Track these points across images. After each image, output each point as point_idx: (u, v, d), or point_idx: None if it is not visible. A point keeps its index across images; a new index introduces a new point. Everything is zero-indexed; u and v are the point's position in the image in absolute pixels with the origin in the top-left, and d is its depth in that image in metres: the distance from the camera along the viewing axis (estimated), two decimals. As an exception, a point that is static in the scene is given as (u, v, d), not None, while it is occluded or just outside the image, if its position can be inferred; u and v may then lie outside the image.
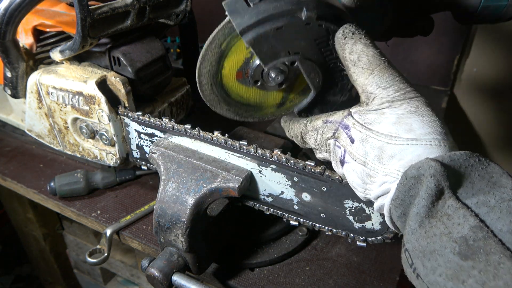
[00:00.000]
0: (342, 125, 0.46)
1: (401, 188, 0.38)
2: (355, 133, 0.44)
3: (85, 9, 0.62)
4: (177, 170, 0.59)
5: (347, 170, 0.46)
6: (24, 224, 1.34)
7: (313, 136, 0.51)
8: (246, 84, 0.54)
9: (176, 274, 0.57)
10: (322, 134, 0.49)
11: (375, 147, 0.42)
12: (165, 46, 0.97)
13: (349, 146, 0.45)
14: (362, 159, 0.43)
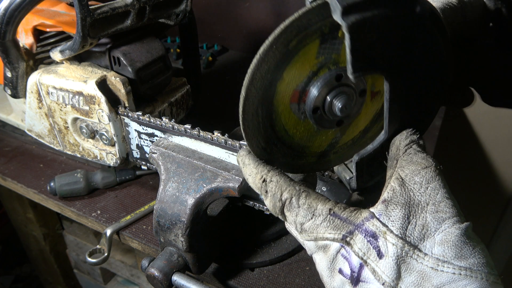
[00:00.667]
0: (363, 230, 0.35)
1: None
2: (387, 246, 0.33)
3: (85, 9, 0.62)
4: (177, 170, 0.59)
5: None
6: (24, 224, 1.34)
7: (302, 218, 0.38)
8: (298, 114, 0.41)
9: (176, 274, 0.57)
10: (318, 226, 0.37)
11: (414, 271, 0.32)
12: (165, 46, 0.97)
13: (374, 261, 0.34)
14: (392, 284, 0.33)
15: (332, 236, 0.36)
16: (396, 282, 0.33)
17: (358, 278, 0.35)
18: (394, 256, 0.33)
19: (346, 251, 0.35)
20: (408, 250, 0.33)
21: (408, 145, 0.39)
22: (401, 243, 0.33)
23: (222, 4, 1.48)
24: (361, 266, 0.34)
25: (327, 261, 0.37)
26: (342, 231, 0.36)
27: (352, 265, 0.35)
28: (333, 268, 0.37)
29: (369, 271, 0.34)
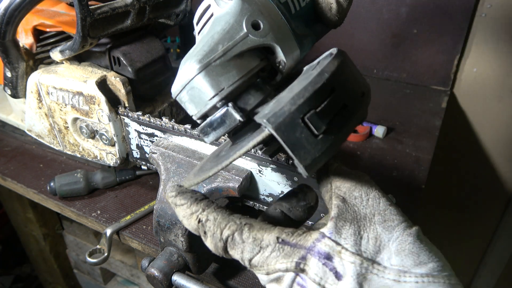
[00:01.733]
0: (316, 252, 0.33)
1: None
2: (344, 266, 0.31)
3: (85, 9, 0.62)
4: (177, 170, 0.59)
5: None
6: (24, 224, 1.34)
7: (249, 253, 0.35)
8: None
9: (176, 274, 0.57)
10: (268, 257, 0.34)
11: (377, 287, 0.31)
12: (165, 46, 0.97)
13: (333, 285, 0.31)
14: None
15: (284, 266, 0.34)
16: None
17: None
18: (354, 275, 0.31)
19: (302, 279, 0.33)
20: (367, 266, 0.31)
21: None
22: (359, 259, 0.31)
23: (222, 4, 1.48)
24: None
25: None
26: (294, 258, 0.33)
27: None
28: None
29: None
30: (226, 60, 0.36)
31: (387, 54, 1.31)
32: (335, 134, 0.33)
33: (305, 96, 0.32)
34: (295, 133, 0.32)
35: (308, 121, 0.32)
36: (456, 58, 1.22)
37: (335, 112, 0.33)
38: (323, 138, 0.32)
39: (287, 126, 0.31)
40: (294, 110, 0.31)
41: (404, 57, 1.29)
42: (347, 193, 0.36)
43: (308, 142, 0.32)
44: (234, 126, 0.38)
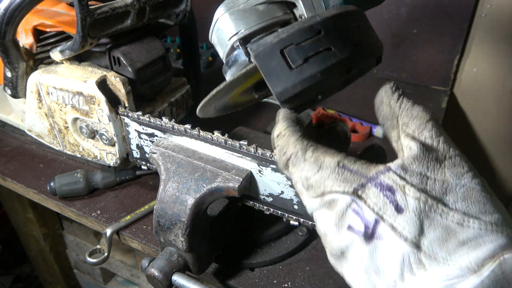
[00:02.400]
0: (378, 183, 0.33)
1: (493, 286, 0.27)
2: (407, 200, 0.31)
3: (85, 9, 0.62)
4: (177, 170, 0.59)
5: (375, 248, 0.32)
6: (24, 224, 1.34)
7: (309, 171, 0.36)
8: (247, 95, 0.52)
9: (176, 274, 0.57)
10: (326, 179, 0.35)
11: (439, 226, 0.30)
12: (165, 46, 0.97)
13: (392, 217, 0.31)
14: (414, 240, 0.30)
15: (342, 189, 0.33)
16: (419, 239, 0.30)
17: (373, 235, 0.32)
18: (417, 211, 0.31)
19: (358, 206, 0.33)
20: (431, 204, 0.31)
21: (400, 100, 0.38)
22: (423, 197, 0.31)
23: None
24: (377, 222, 0.32)
25: (334, 217, 0.34)
26: (353, 184, 0.33)
27: (365, 220, 0.32)
28: (341, 225, 0.34)
29: (386, 227, 0.31)
30: (249, 7, 0.40)
31: (387, 54, 1.31)
32: (310, 71, 0.35)
33: (289, 32, 0.36)
34: (272, 62, 0.35)
35: (286, 54, 0.35)
36: (456, 58, 1.22)
37: (316, 51, 0.35)
38: (298, 71, 0.35)
39: (266, 54, 0.35)
40: (275, 41, 0.35)
41: (404, 57, 1.29)
42: (416, 132, 0.35)
43: (282, 72, 0.35)
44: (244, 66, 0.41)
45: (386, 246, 0.32)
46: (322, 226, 0.35)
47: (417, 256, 0.30)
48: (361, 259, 0.33)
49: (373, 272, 0.32)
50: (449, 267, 0.29)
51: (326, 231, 0.35)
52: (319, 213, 0.36)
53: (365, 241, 0.32)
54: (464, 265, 0.29)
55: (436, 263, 0.30)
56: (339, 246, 0.34)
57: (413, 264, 0.30)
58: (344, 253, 0.34)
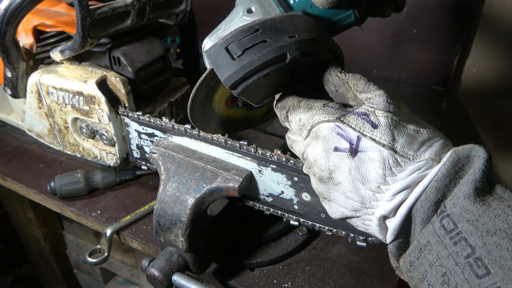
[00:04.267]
0: (354, 112, 0.43)
1: (450, 168, 0.38)
2: (378, 119, 0.42)
3: (85, 9, 0.62)
4: (177, 170, 0.59)
5: (360, 160, 0.41)
6: (24, 224, 1.34)
7: (302, 114, 0.46)
8: (234, 107, 0.59)
9: (176, 274, 0.57)
10: (314, 115, 0.45)
11: (404, 134, 0.41)
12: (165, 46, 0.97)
13: (370, 132, 0.41)
14: (389, 145, 0.40)
15: (327, 118, 0.43)
16: (393, 144, 0.41)
17: (357, 149, 0.41)
18: (387, 125, 0.41)
19: (341, 129, 0.42)
20: (396, 120, 0.42)
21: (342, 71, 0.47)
22: (390, 115, 0.42)
23: (222, 4, 1.48)
24: (359, 139, 0.41)
25: (322, 144, 0.43)
26: (335, 115, 0.43)
27: (350, 139, 0.42)
28: (328, 148, 0.43)
29: (367, 140, 0.41)
30: (224, 35, 0.47)
31: (387, 54, 1.31)
32: (248, 58, 0.43)
33: (232, 33, 0.45)
34: (219, 57, 0.45)
35: (230, 49, 0.44)
36: (456, 58, 1.22)
37: (253, 44, 0.44)
38: (238, 60, 0.44)
39: (214, 52, 0.45)
40: (221, 42, 0.45)
41: (404, 57, 1.29)
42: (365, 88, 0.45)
43: (226, 63, 0.44)
44: None
45: (369, 156, 0.41)
46: (313, 155, 0.44)
47: (394, 158, 0.40)
48: (348, 174, 0.42)
49: (360, 182, 0.41)
50: (418, 162, 0.40)
51: (316, 158, 0.44)
52: (309, 148, 0.45)
53: (351, 156, 0.42)
54: (428, 157, 0.40)
55: (409, 160, 0.40)
56: (328, 168, 0.43)
57: (392, 166, 0.40)
58: (332, 173, 0.43)
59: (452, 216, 0.36)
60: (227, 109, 0.58)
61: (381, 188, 0.41)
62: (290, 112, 0.47)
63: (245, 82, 0.44)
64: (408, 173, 0.40)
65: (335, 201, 0.44)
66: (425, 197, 0.39)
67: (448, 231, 0.36)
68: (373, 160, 0.41)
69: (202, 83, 0.51)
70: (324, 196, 0.46)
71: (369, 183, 0.41)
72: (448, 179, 0.38)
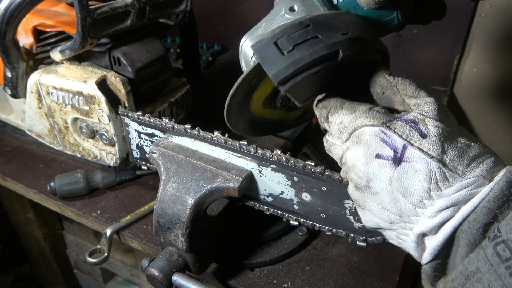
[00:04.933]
0: (402, 118, 0.40)
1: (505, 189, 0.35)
2: (428, 128, 0.39)
3: (85, 9, 0.62)
4: (177, 170, 0.59)
5: (404, 171, 0.38)
6: (24, 224, 1.34)
7: (344, 116, 0.43)
8: (272, 108, 0.56)
9: (176, 274, 0.57)
10: (358, 118, 0.42)
11: (454, 147, 0.38)
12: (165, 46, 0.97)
13: (418, 141, 0.38)
14: (439, 158, 0.38)
15: (372, 123, 0.40)
16: (442, 156, 0.38)
17: (401, 158, 0.39)
18: (437, 135, 0.38)
19: (386, 135, 0.39)
20: (448, 131, 0.39)
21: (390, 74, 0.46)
22: (441, 125, 0.39)
23: (222, 4, 1.48)
24: (405, 147, 0.39)
25: (363, 149, 0.40)
26: (381, 119, 0.40)
27: (395, 147, 0.39)
28: (369, 154, 0.40)
29: (414, 150, 0.38)
30: (265, 33, 0.47)
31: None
32: (299, 54, 0.42)
33: (281, 27, 0.43)
34: (267, 52, 0.43)
35: (279, 44, 0.42)
36: (456, 58, 1.22)
37: (305, 39, 0.42)
38: (288, 56, 0.42)
39: (262, 47, 0.43)
40: (270, 36, 0.43)
41: (404, 57, 1.29)
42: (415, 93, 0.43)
43: (276, 58, 0.42)
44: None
45: (414, 167, 0.38)
46: (351, 160, 0.42)
47: (442, 171, 0.37)
48: (389, 184, 0.39)
49: (400, 194, 0.38)
50: (468, 178, 0.37)
51: (355, 163, 0.41)
52: (349, 152, 0.42)
53: (394, 165, 0.39)
54: (479, 174, 0.37)
55: (458, 176, 0.37)
56: (366, 175, 0.40)
57: (439, 180, 0.37)
58: (370, 181, 0.40)
59: (509, 243, 0.32)
60: (264, 109, 0.56)
61: (423, 203, 0.38)
62: (332, 112, 0.45)
63: (294, 78, 0.42)
64: (456, 189, 0.37)
65: (370, 210, 0.42)
66: (474, 217, 0.35)
67: (504, 259, 0.32)
68: (419, 171, 0.38)
69: (244, 80, 0.48)
70: (359, 204, 0.43)
71: (411, 196, 0.38)
72: (501, 200, 0.35)
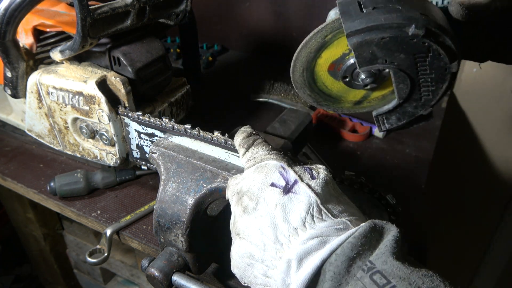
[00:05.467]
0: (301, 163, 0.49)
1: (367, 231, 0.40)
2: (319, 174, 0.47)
3: (85, 9, 0.62)
4: (177, 170, 0.59)
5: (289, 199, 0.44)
6: (24, 224, 1.34)
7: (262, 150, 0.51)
8: (334, 76, 0.57)
9: (176, 274, 0.57)
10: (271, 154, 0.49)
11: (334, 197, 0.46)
12: (165, 46, 0.97)
13: (308, 179, 0.46)
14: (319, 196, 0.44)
15: (278, 159, 0.48)
16: (322, 197, 0.44)
17: (290, 190, 0.44)
18: (325, 180, 0.46)
19: (285, 170, 0.46)
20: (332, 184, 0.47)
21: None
22: (329, 176, 0.47)
23: (222, 4, 1.48)
24: (295, 181, 0.45)
25: (262, 176, 0.46)
26: (287, 161, 0.48)
27: (288, 179, 0.45)
28: (266, 182, 0.46)
29: (303, 185, 0.44)
30: None
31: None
32: (376, 15, 0.44)
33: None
34: (349, 7, 0.46)
35: (362, 2, 0.46)
36: (456, 58, 1.22)
37: (386, 5, 0.45)
38: (366, 13, 0.45)
39: (346, 2, 0.47)
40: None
41: (404, 57, 1.29)
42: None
43: (354, 12, 0.45)
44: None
45: (298, 198, 0.44)
46: (248, 185, 0.47)
47: (319, 208, 0.43)
48: (273, 208, 0.43)
49: (281, 219, 0.43)
50: (338, 220, 0.42)
51: (250, 188, 0.46)
52: (249, 172, 0.48)
53: (282, 193, 0.44)
54: (348, 220, 0.43)
55: (331, 217, 0.43)
56: (257, 198, 0.45)
57: (315, 214, 0.43)
58: (258, 204, 0.45)
59: (384, 272, 0.37)
60: (327, 75, 0.57)
61: (297, 232, 0.42)
62: (255, 145, 0.52)
63: (363, 34, 0.45)
64: (327, 225, 0.42)
65: (247, 238, 0.45)
66: (341, 251, 0.39)
67: (382, 285, 0.36)
68: (300, 202, 0.43)
69: (321, 31, 0.50)
70: (239, 232, 0.46)
71: (288, 223, 0.42)
72: (364, 238, 0.39)
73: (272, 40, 1.46)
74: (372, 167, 0.92)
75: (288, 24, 1.41)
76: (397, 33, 0.44)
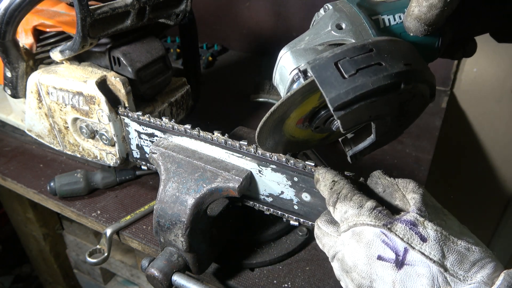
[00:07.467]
0: (402, 220, 0.41)
1: None
2: (428, 232, 0.40)
3: (85, 9, 0.62)
4: (177, 170, 0.59)
5: (406, 274, 0.39)
6: (24, 224, 1.34)
7: (350, 208, 0.44)
8: (303, 128, 0.55)
9: (176, 274, 0.57)
10: (362, 214, 0.42)
11: (454, 251, 0.39)
12: (165, 46, 0.97)
13: (419, 244, 0.39)
14: (440, 262, 0.38)
15: (373, 223, 0.41)
16: (443, 261, 0.38)
17: (403, 262, 0.39)
18: (437, 239, 0.39)
19: (387, 237, 0.40)
20: (445, 235, 0.40)
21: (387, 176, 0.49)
22: (439, 230, 0.40)
23: (222, 4, 1.48)
24: (406, 250, 0.39)
25: (365, 249, 0.41)
26: (382, 221, 0.41)
27: (396, 249, 0.40)
28: (371, 255, 0.40)
29: (416, 253, 0.39)
30: (309, 47, 0.46)
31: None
32: (362, 79, 0.39)
33: (343, 48, 0.41)
34: (327, 72, 0.40)
35: (340, 65, 0.40)
36: (456, 58, 1.22)
37: (368, 64, 0.40)
38: (350, 80, 0.40)
39: (321, 66, 0.41)
40: (330, 56, 0.41)
41: (404, 57, 1.29)
42: (414, 189, 0.45)
43: (336, 80, 0.40)
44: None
45: (416, 271, 0.38)
46: (351, 258, 0.42)
47: (444, 276, 0.38)
48: (392, 286, 0.39)
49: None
50: (469, 284, 0.37)
51: (356, 263, 0.41)
52: (348, 249, 0.43)
53: (396, 268, 0.39)
54: (480, 280, 0.37)
55: (459, 281, 0.38)
56: (370, 276, 0.40)
57: (441, 284, 0.38)
58: (373, 282, 0.40)
59: None
60: (295, 128, 0.54)
61: None
62: (341, 200, 0.46)
63: (352, 105, 0.40)
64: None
65: None
66: None
67: None
68: (421, 276, 0.38)
69: (292, 96, 0.45)
70: None
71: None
72: None
73: (272, 40, 1.46)
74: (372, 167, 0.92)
75: (288, 24, 1.41)
76: (387, 93, 0.41)
